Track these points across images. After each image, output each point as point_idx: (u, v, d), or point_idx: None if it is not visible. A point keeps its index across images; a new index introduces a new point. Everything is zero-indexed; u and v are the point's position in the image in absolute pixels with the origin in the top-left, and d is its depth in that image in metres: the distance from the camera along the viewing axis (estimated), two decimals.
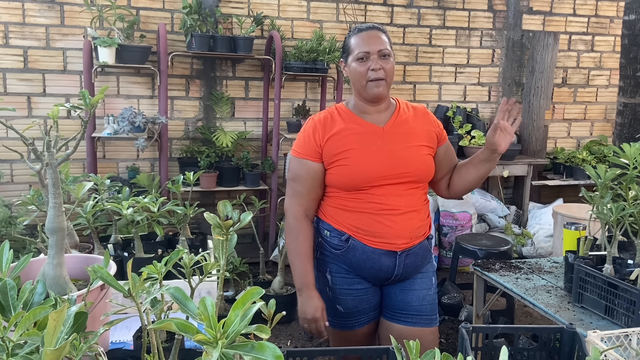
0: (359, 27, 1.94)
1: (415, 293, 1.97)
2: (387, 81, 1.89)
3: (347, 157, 1.87)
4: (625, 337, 1.53)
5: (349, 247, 1.90)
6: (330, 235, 1.94)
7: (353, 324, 1.97)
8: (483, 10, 5.04)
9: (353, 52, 1.90)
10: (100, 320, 1.38)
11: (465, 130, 4.73)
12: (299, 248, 1.92)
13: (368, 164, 1.87)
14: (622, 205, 2.10)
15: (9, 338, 0.91)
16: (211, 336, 0.90)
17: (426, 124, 1.99)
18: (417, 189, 1.94)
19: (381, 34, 1.90)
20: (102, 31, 4.09)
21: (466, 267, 4.37)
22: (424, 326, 1.97)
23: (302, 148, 1.93)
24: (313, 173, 1.92)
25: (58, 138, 1.47)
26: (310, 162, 1.91)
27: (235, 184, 4.31)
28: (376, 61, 1.86)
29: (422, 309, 1.97)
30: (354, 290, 1.95)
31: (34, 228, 2.38)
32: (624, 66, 3.95)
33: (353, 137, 1.90)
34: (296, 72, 4.27)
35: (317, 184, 1.93)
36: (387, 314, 2.00)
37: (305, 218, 1.95)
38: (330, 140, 1.90)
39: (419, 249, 1.95)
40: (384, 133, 1.92)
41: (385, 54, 1.88)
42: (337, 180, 1.90)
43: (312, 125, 1.94)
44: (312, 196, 1.95)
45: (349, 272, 1.95)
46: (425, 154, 1.95)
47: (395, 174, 1.88)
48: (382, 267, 1.90)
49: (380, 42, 1.88)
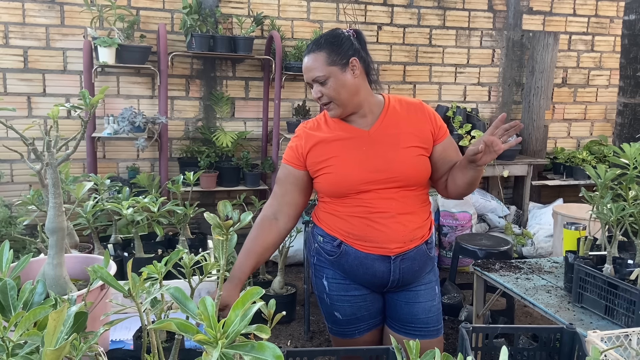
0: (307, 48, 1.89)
1: (421, 305, 1.93)
2: (337, 101, 1.81)
3: (330, 165, 1.85)
4: (625, 337, 1.53)
5: (342, 252, 1.87)
6: (324, 240, 1.92)
7: (353, 331, 1.94)
8: (483, 10, 5.04)
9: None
10: (100, 320, 1.38)
11: (465, 130, 4.73)
12: (249, 243, 1.89)
13: (352, 170, 1.82)
14: (622, 205, 2.10)
15: (9, 338, 0.91)
16: (211, 336, 0.90)
17: (420, 122, 1.90)
18: (411, 192, 1.86)
19: (316, 56, 1.81)
20: (102, 31, 4.09)
21: (466, 267, 4.37)
22: (431, 337, 1.95)
23: (288, 155, 1.95)
24: (292, 178, 1.92)
25: (58, 138, 1.47)
26: (291, 167, 1.92)
27: (235, 184, 4.31)
28: (315, 89, 1.83)
29: (428, 321, 1.94)
30: (351, 296, 1.92)
31: (34, 228, 2.38)
32: (624, 66, 3.95)
33: (337, 144, 1.86)
34: (296, 72, 4.27)
35: (293, 189, 1.92)
36: (393, 325, 1.97)
37: (272, 220, 1.91)
38: (314, 149, 1.88)
39: (415, 254, 1.87)
40: (370, 137, 1.86)
41: (320, 81, 1.80)
42: (323, 188, 1.89)
43: (299, 134, 1.94)
44: (286, 199, 1.92)
45: (345, 278, 1.92)
46: (416, 156, 1.85)
47: (382, 178, 1.82)
48: (376, 272, 1.85)
49: (312, 70, 1.81)
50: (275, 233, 1.91)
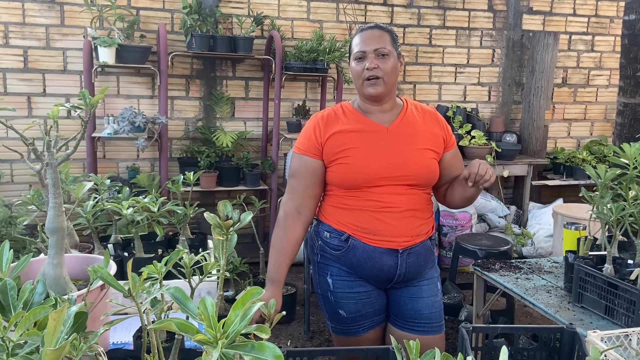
0: (362, 27, 1.93)
1: (424, 301, 1.96)
2: (385, 80, 1.86)
3: (348, 156, 1.86)
4: (625, 337, 1.53)
5: (349, 247, 1.88)
6: (330, 236, 1.92)
7: (357, 329, 1.94)
8: (483, 10, 5.04)
9: (353, 52, 1.90)
10: (100, 320, 1.38)
11: (465, 130, 4.73)
12: (278, 243, 1.90)
13: (369, 163, 1.85)
14: (622, 205, 2.10)
15: (9, 338, 0.91)
16: (211, 336, 0.90)
17: (434, 127, 1.97)
18: (420, 190, 1.92)
19: (383, 33, 1.88)
20: (102, 31, 4.09)
21: (466, 267, 4.37)
22: (434, 334, 1.96)
23: (303, 145, 1.92)
24: (311, 170, 1.91)
25: (58, 138, 1.47)
26: (309, 158, 1.90)
27: (235, 184, 4.31)
28: (372, 60, 1.84)
29: (432, 317, 1.96)
30: (355, 293, 1.92)
31: (34, 228, 2.38)
32: (624, 66, 3.95)
33: (356, 136, 1.88)
34: (296, 72, 4.27)
35: (314, 181, 1.91)
36: (397, 322, 1.98)
37: (297, 215, 1.91)
38: (332, 138, 1.88)
39: (421, 248, 1.92)
40: (388, 133, 1.90)
41: (383, 53, 1.85)
42: (337, 178, 1.88)
43: (315, 122, 1.93)
44: (307, 193, 1.92)
45: (350, 274, 1.92)
46: (430, 158, 1.92)
47: (397, 175, 1.86)
48: (384, 266, 1.88)
49: (379, 41, 1.86)
50: (301, 227, 1.93)
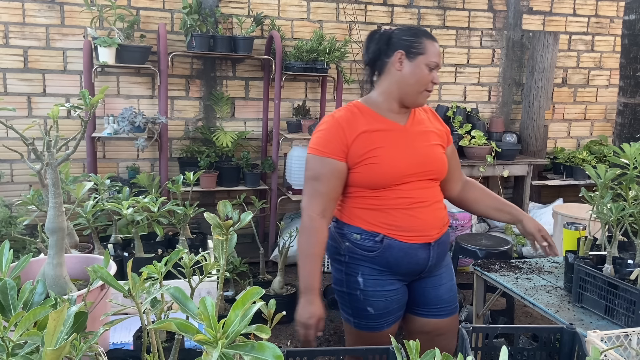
0: (428, 32, 1.94)
1: (444, 286, 2.05)
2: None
3: (376, 156, 1.86)
4: (625, 337, 1.53)
5: (385, 247, 1.89)
6: (362, 238, 1.91)
7: (382, 324, 1.97)
8: (483, 10, 5.04)
9: (428, 57, 1.88)
10: (100, 320, 1.38)
11: (465, 130, 4.73)
12: (310, 249, 1.87)
13: (397, 162, 1.88)
14: (622, 205, 2.10)
15: (9, 338, 0.91)
16: (211, 336, 0.90)
17: (437, 124, 2.08)
18: (437, 183, 2.03)
19: None
20: (102, 31, 4.09)
21: (466, 267, 4.37)
22: (452, 315, 2.07)
23: (326, 147, 1.88)
24: (337, 172, 1.88)
25: (58, 138, 1.47)
26: (334, 160, 1.87)
27: (235, 184, 4.31)
28: (437, 76, 1.92)
29: (451, 300, 2.07)
30: (386, 291, 1.95)
31: (34, 228, 2.38)
32: (624, 66, 3.95)
33: (380, 135, 1.89)
34: (296, 72, 4.27)
35: (338, 183, 1.90)
36: (419, 311, 2.04)
37: (322, 219, 1.89)
38: (359, 138, 1.87)
39: (445, 237, 2.02)
40: (407, 131, 1.95)
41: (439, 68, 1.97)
42: (365, 179, 1.88)
43: (336, 124, 1.89)
44: (332, 196, 1.91)
45: (383, 273, 1.93)
46: (442, 153, 2.03)
47: (422, 171, 1.92)
48: (419, 260, 1.94)
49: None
50: (327, 229, 1.94)
